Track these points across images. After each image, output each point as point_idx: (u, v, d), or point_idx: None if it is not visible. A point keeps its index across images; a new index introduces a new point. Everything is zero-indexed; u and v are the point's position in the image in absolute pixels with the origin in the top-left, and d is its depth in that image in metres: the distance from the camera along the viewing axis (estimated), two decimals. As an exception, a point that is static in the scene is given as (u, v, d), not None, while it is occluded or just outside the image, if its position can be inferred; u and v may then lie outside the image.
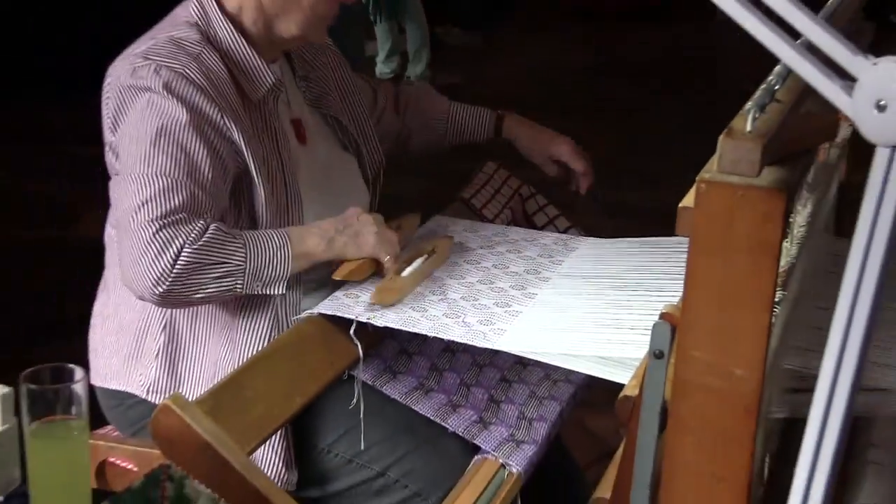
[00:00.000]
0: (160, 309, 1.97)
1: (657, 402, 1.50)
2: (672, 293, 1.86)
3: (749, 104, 1.40)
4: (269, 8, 2.01)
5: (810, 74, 1.23)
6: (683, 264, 1.90)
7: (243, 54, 2.01)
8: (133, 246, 1.84)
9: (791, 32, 1.25)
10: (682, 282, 1.42)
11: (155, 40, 1.97)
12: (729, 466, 1.46)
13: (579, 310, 1.93)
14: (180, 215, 1.84)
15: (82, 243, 2.09)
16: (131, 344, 2.01)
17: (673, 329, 1.47)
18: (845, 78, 1.22)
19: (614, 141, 6.00)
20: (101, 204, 2.01)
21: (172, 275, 1.81)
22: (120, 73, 1.95)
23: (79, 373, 1.35)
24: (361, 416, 1.91)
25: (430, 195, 2.06)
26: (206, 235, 1.83)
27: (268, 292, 1.91)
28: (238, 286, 1.86)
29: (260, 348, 1.93)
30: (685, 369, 1.44)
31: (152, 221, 1.83)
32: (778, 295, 1.42)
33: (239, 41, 2.01)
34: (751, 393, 1.43)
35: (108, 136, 1.99)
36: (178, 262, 1.81)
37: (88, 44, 5.80)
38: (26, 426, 1.33)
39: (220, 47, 2.00)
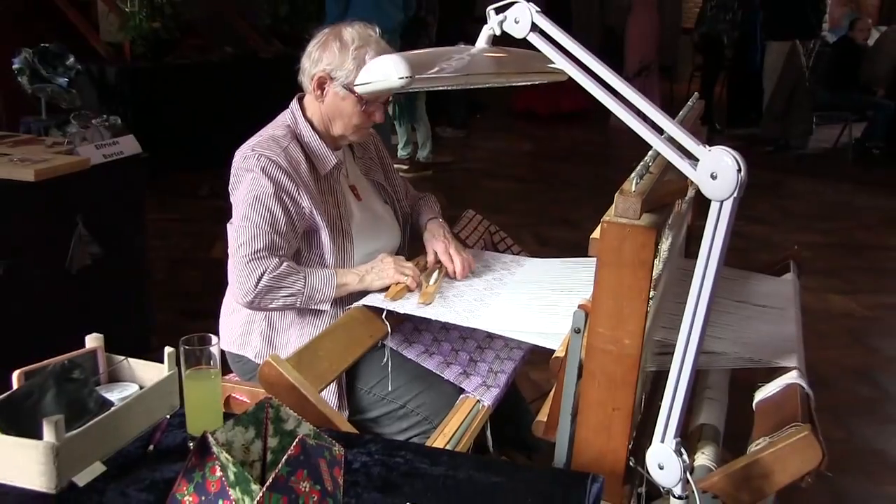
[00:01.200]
0: None
1: (576, 361, 1.52)
2: (585, 292, 1.88)
3: (633, 174, 1.43)
4: (324, 115, 2.02)
5: (672, 156, 1.26)
6: (592, 274, 1.94)
7: (316, 144, 2.02)
8: (233, 271, 1.90)
9: (659, 130, 1.28)
10: (592, 284, 1.45)
11: (262, 137, 2.00)
12: (621, 401, 1.48)
13: (528, 302, 1.95)
14: (263, 254, 1.87)
15: (216, 261, 2.12)
16: (245, 326, 2.02)
17: (586, 314, 1.49)
18: (691, 158, 1.25)
19: (547, 197, 6.04)
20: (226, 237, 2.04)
21: (254, 292, 1.86)
22: (238, 159, 1.98)
23: (214, 339, 1.38)
24: (389, 369, 1.93)
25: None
26: (280, 269, 1.87)
27: (317, 308, 1.94)
28: (298, 303, 1.90)
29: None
30: (593, 339, 1.47)
31: (244, 256, 1.87)
32: (651, 293, 1.44)
33: (313, 136, 2.02)
34: (634, 354, 1.45)
35: (231, 194, 2.02)
36: (259, 285, 1.86)
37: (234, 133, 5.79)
38: (183, 372, 1.35)
39: (302, 140, 2.01)
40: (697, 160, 1.22)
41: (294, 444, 1.18)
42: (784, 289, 2.11)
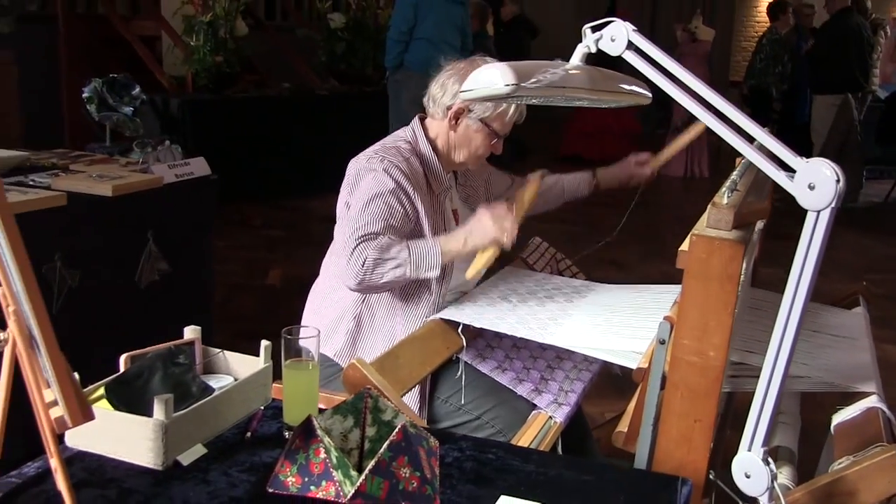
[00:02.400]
0: (352, 308, 2.02)
1: (659, 371, 1.53)
2: (656, 314, 1.90)
3: (723, 189, 1.46)
4: (451, 141, 2.09)
5: (768, 168, 1.28)
6: (659, 298, 1.95)
7: (434, 164, 2.09)
8: (345, 254, 1.92)
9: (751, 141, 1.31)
10: (657, 308, 1.46)
11: (384, 145, 2.07)
12: (702, 412, 1.50)
13: (601, 322, 1.97)
14: (372, 236, 1.90)
15: (271, 289, 2.16)
16: (329, 327, 2.05)
17: (671, 326, 1.51)
18: (788, 171, 1.28)
19: (594, 240, 6.04)
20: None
21: (363, 270, 1.87)
22: (361, 160, 2.03)
23: (314, 331, 1.43)
24: (463, 382, 1.96)
25: (502, 255, 2.10)
26: (382, 242, 1.89)
27: (428, 276, 1.91)
28: (407, 273, 1.88)
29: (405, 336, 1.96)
30: (678, 351, 1.49)
31: (356, 240, 1.90)
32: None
33: (432, 156, 2.09)
34: (718, 367, 1.47)
35: (345, 195, 2.06)
36: (366, 262, 1.87)
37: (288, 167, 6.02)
38: (283, 361, 1.39)
39: (421, 157, 2.08)
40: (794, 172, 1.26)
41: (396, 430, 1.22)
42: (855, 321, 2.12)
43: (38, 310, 1.01)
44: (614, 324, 1.96)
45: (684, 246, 1.48)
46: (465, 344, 1.94)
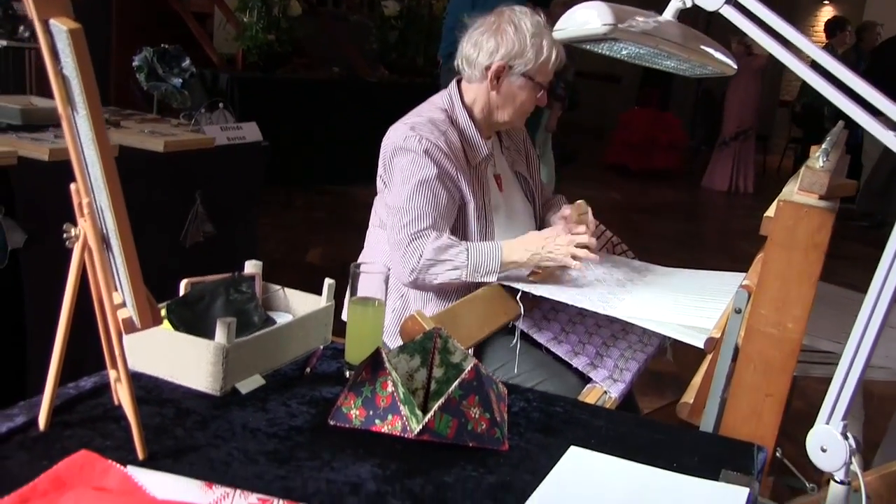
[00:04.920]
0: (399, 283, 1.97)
1: (732, 342, 1.49)
2: (719, 296, 1.85)
3: (818, 153, 1.41)
4: (493, 102, 2.03)
5: (881, 133, 1.23)
6: (726, 281, 1.90)
7: (471, 133, 2.03)
8: (397, 250, 1.89)
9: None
10: (724, 291, 1.40)
11: (419, 118, 2.00)
12: (775, 387, 1.44)
13: (660, 300, 1.92)
14: (426, 232, 1.87)
15: (312, 266, 2.12)
16: None
17: (749, 295, 1.46)
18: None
19: (635, 246, 5.97)
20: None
21: (418, 269, 1.85)
22: (396, 136, 1.97)
23: (385, 268, 1.38)
24: (517, 352, 1.91)
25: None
26: (440, 241, 1.86)
27: (485, 280, 1.87)
28: (463, 276, 1.85)
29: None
30: (754, 321, 1.44)
31: (408, 235, 1.87)
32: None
33: (470, 124, 2.03)
34: (796, 339, 1.42)
35: (381, 170, 2.03)
36: (421, 260, 1.85)
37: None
38: (348, 298, 1.36)
39: (458, 127, 2.02)
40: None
41: (469, 368, 1.18)
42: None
43: (117, 203, 0.97)
44: (679, 303, 1.91)
45: (769, 212, 1.43)
46: (522, 312, 1.89)
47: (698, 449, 1.23)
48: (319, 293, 1.47)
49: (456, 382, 1.16)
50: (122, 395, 1.10)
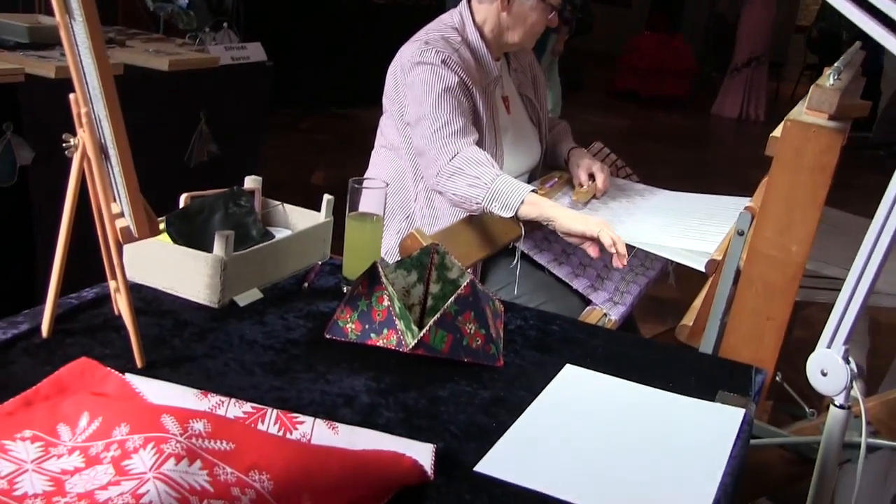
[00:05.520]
0: (408, 203, 1.95)
1: (734, 264, 1.48)
2: (723, 220, 1.83)
3: (829, 71, 1.38)
4: (503, 23, 1.99)
5: (885, 37, 1.19)
6: (730, 205, 1.88)
7: (482, 53, 1.99)
8: (426, 152, 1.83)
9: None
10: (727, 217, 1.38)
11: (431, 35, 1.95)
12: (776, 310, 1.44)
13: (666, 224, 1.90)
14: (460, 133, 1.81)
15: (316, 187, 2.09)
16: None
17: (752, 217, 1.45)
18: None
19: (641, 172, 5.94)
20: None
21: (446, 167, 1.78)
22: (410, 52, 1.92)
23: (382, 183, 1.37)
24: (517, 273, 1.91)
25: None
26: (476, 155, 1.79)
27: (499, 214, 1.75)
28: (480, 197, 1.75)
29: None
30: (757, 243, 1.43)
31: (443, 136, 1.81)
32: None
33: (480, 44, 1.99)
34: (800, 262, 1.41)
35: (390, 90, 1.97)
36: (452, 160, 1.78)
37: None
38: (347, 213, 1.34)
39: (470, 46, 1.98)
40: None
41: (464, 284, 1.17)
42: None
43: (114, 113, 0.95)
44: (681, 226, 1.89)
45: (776, 132, 1.40)
46: (523, 233, 1.88)
47: (696, 370, 1.23)
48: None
49: (452, 298, 1.15)
50: (121, 304, 1.10)
